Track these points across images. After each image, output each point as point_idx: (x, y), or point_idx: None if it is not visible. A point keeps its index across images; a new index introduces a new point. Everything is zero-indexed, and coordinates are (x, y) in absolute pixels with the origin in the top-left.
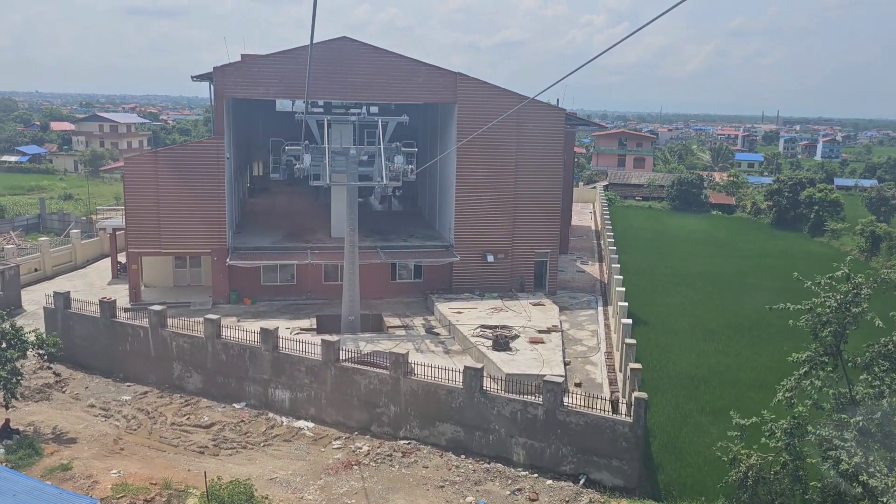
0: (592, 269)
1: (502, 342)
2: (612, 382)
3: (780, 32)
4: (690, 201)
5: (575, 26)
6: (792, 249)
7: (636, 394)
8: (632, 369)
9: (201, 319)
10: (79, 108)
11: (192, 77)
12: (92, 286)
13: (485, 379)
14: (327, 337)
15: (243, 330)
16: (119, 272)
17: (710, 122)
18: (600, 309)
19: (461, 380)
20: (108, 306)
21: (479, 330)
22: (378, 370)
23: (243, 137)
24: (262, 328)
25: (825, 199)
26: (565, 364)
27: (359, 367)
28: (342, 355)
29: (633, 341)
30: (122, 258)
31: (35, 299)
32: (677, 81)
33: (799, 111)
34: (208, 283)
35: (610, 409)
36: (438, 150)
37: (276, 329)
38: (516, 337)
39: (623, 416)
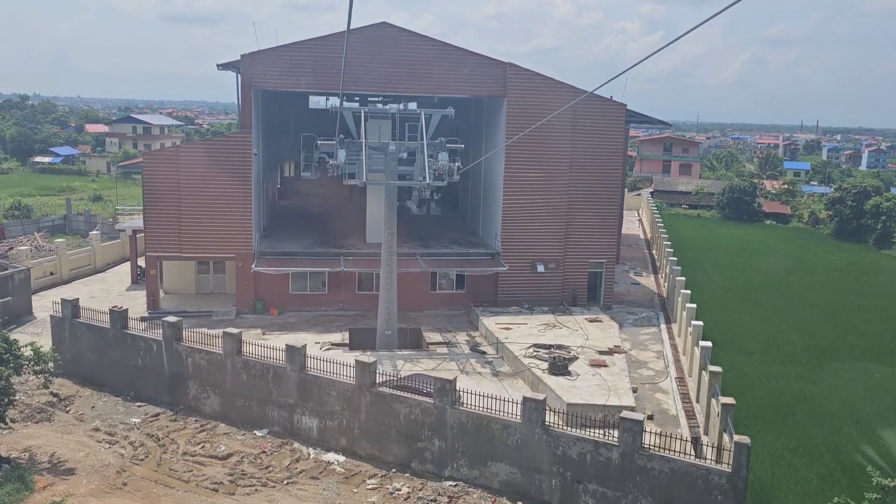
0: (647, 280)
1: (560, 365)
2: (690, 415)
3: (820, 40)
4: (742, 210)
5: (609, 34)
6: (859, 262)
7: (737, 438)
8: (723, 405)
9: (220, 333)
10: (118, 113)
11: (217, 65)
12: (109, 292)
13: (552, 414)
14: (362, 357)
15: (267, 346)
16: (139, 277)
17: (746, 130)
18: (663, 327)
19: (519, 412)
20: (118, 316)
21: (531, 350)
22: (420, 398)
23: (273, 136)
24: (287, 345)
25: (894, 208)
26: (633, 392)
27: (398, 393)
28: (378, 378)
29: (718, 369)
30: (142, 262)
31: (47, 305)
32: (712, 90)
33: (839, 121)
34: (233, 291)
35: (692, 452)
36: (484, 149)
37: (304, 347)
38: (575, 359)
39: (719, 463)
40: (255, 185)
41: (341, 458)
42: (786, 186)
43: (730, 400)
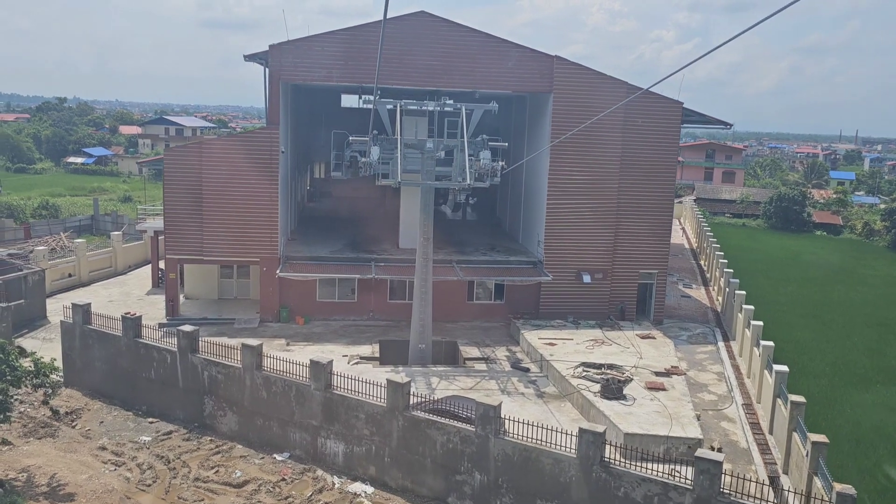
0: (698, 293)
1: (614, 388)
2: (763, 449)
3: (858, 49)
4: (790, 220)
5: (644, 42)
6: None
7: (839, 487)
8: (814, 443)
9: (239, 345)
10: (153, 116)
11: (244, 56)
12: (128, 296)
13: (607, 447)
14: (394, 376)
15: (289, 361)
16: (160, 280)
17: (783, 140)
18: (721, 345)
19: (573, 446)
20: (131, 323)
21: (580, 369)
22: (459, 424)
23: (303, 135)
24: (312, 361)
25: None
26: (697, 419)
27: (434, 418)
28: (412, 400)
29: (800, 399)
30: (164, 265)
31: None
32: (748, 99)
33: (878, 130)
34: (257, 297)
35: (773, 498)
36: (526, 149)
37: (330, 363)
38: (629, 381)
39: None
40: (283, 185)
41: (369, 489)
42: (836, 196)
43: (821, 437)
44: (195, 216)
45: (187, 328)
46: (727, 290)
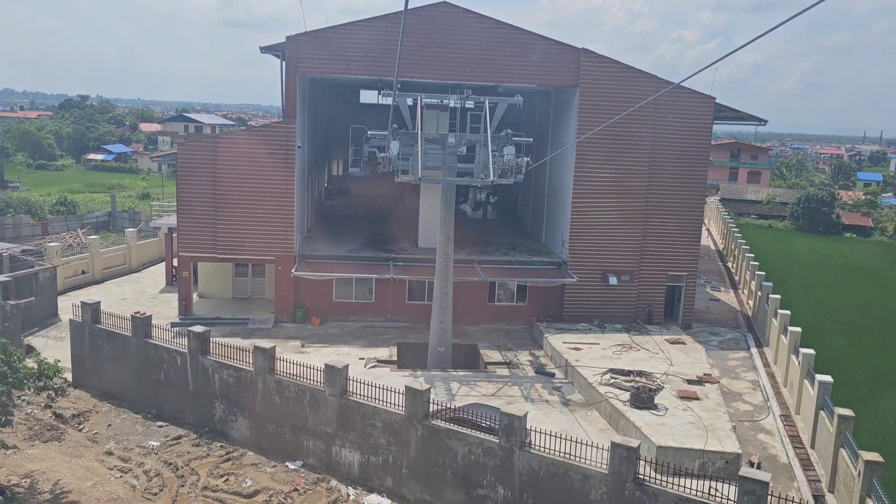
0: (727, 296)
1: (645, 397)
2: (806, 465)
3: (885, 50)
4: (818, 221)
5: (664, 42)
6: None
7: None
8: (867, 462)
9: (251, 347)
10: (174, 114)
11: (261, 48)
12: (142, 294)
13: (641, 463)
14: (413, 383)
15: (303, 365)
16: (174, 279)
17: (805, 141)
18: (754, 351)
19: (605, 461)
20: (141, 323)
21: (608, 376)
22: (482, 435)
23: (321, 131)
24: (326, 365)
25: None
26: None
27: (455, 428)
28: (432, 408)
29: (848, 412)
30: (178, 262)
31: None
32: (771, 99)
33: None
34: (273, 297)
35: None
36: (550, 146)
37: (345, 368)
38: (660, 389)
39: None
40: (299, 181)
41: (386, 502)
42: (866, 197)
43: (875, 456)
44: (209, 213)
45: (198, 329)
46: (759, 293)
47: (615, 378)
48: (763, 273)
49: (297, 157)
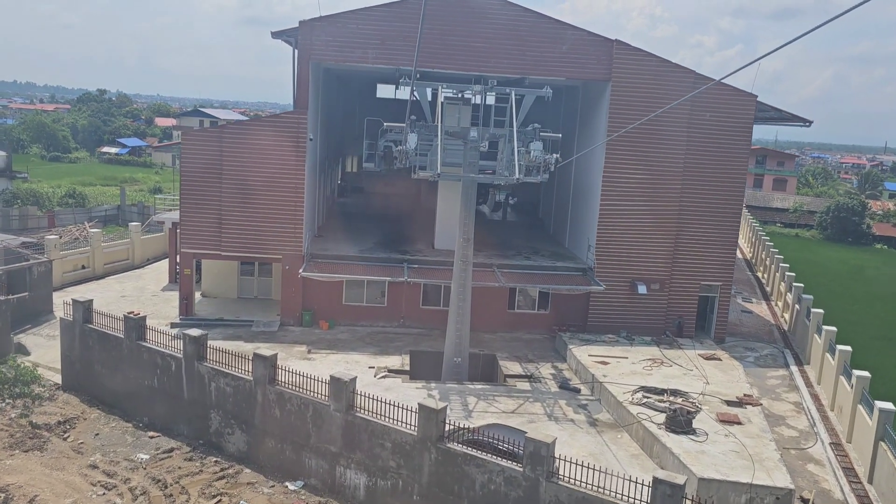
0: (759, 308)
1: (682, 420)
2: (864, 501)
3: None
4: (848, 231)
5: (684, 47)
6: None
7: None
8: None
9: (251, 354)
10: (190, 110)
11: (272, 33)
12: (143, 291)
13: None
14: (427, 401)
15: (306, 376)
16: (177, 276)
17: (825, 150)
18: (794, 369)
19: (645, 498)
20: (134, 324)
21: (639, 395)
22: (504, 462)
23: (335, 126)
24: (332, 377)
25: None
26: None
27: (473, 453)
28: (447, 428)
29: None
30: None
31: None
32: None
33: None
34: (279, 298)
35: None
36: (576, 144)
37: (353, 381)
38: (698, 411)
39: None
40: (310, 176)
41: None
42: None
43: None
44: (213, 207)
45: (194, 332)
46: (796, 306)
47: (647, 397)
48: (801, 285)
49: (308, 151)
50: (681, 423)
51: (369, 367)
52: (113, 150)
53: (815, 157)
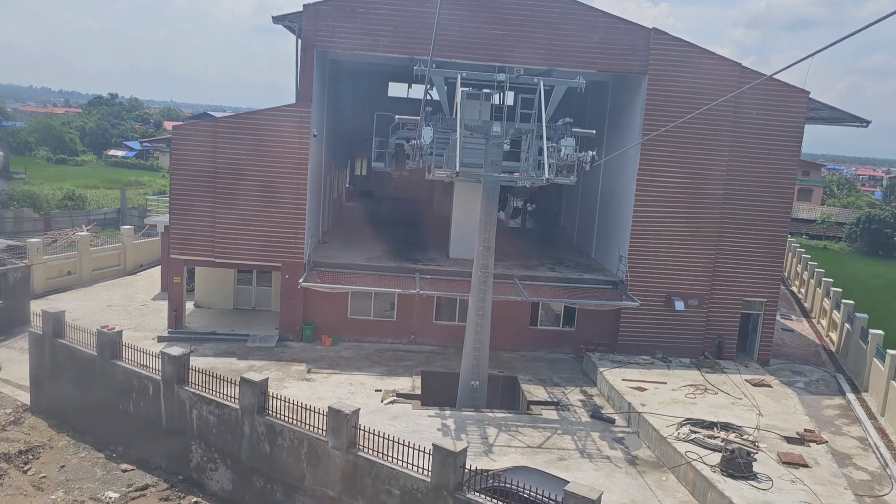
0: (800, 326)
1: (741, 462)
2: None
3: None
4: (880, 244)
5: None
6: None
7: None
8: None
9: (238, 378)
10: (200, 114)
11: (273, 17)
12: (132, 300)
13: None
14: (443, 440)
15: (302, 406)
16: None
17: (839, 162)
18: (851, 397)
19: None
20: (108, 340)
21: (685, 429)
22: None
23: (344, 125)
24: (331, 409)
25: None
26: None
27: None
28: (466, 474)
29: None
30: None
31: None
32: None
33: None
34: (279, 309)
35: None
36: (605, 144)
37: (355, 413)
38: (758, 451)
39: None
40: (314, 176)
41: None
42: None
43: None
44: (206, 209)
45: (174, 351)
46: (847, 326)
47: (695, 432)
48: (851, 302)
49: (311, 148)
50: (740, 465)
51: (375, 391)
52: (120, 153)
53: (831, 170)
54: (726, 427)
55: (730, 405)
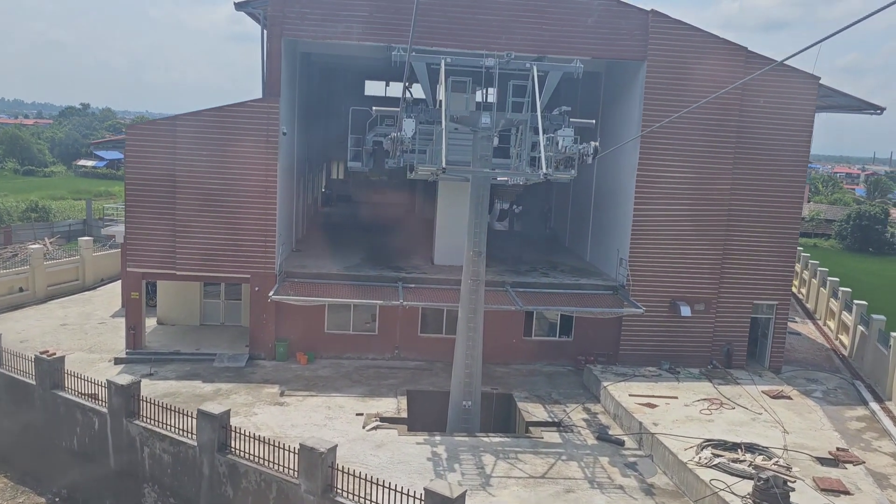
0: (806, 329)
1: (779, 494)
2: None
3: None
4: (871, 240)
5: None
6: None
7: None
8: None
9: (195, 411)
10: None
11: (235, 4)
12: (89, 318)
13: None
14: (438, 485)
15: (270, 443)
16: None
17: (815, 160)
18: (875, 407)
19: None
20: (48, 368)
21: (706, 452)
22: None
23: (318, 126)
24: (302, 447)
25: None
26: None
27: None
28: None
29: None
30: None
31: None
32: None
33: None
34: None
35: None
36: (599, 139)
37: (331, 451)
38: (794, 479)
39: None
40: (285, 179)
41: None
42: None
43: None
44: (166, 216)
45: (122, 379)
46: (860, 328)
47: (718, 455)
48: (864, 302)
49: (281, 148)
50: (776, 497)
51: (356, 415)
52: (90, 163)
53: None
54: (752, 448)
55: (750, 421)
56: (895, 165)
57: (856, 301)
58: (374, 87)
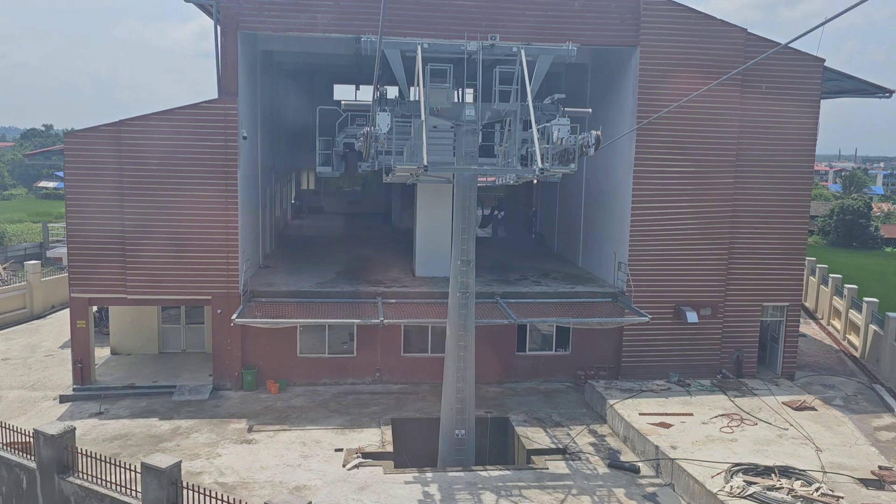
0: (810, 329)
1: None
2: None
3: (856, 68)
4: (855, 235)
5: None
6: None
7: None
8: None
9: (138, 465)
10: None
11: None
12: (34, 350)
13: None
14: None
15: (226, 500)
16: None
17: None
18: None
19: None
20: None
21: (738, 480)
22: None
23: (284, 133)
24: None
25: None
26: None
27: None
28: None
29: None
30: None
31: None
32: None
33: (874, 149)
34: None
35: None
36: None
37: None
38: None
39: None
40: (247, 189)
41: None
42: None
43: None
44: (114, 234)
45: (53, 429)
46: (872, 327)
47: (751, 482)
48: (875, 300)
49: (241, 154)
50: None
51: (335, 451)
52: (51, 184)
53: None
54: (786, 472)
55: (777, 439)
56: (860, 161)
57: (865, 298)
58: (343, 92)
